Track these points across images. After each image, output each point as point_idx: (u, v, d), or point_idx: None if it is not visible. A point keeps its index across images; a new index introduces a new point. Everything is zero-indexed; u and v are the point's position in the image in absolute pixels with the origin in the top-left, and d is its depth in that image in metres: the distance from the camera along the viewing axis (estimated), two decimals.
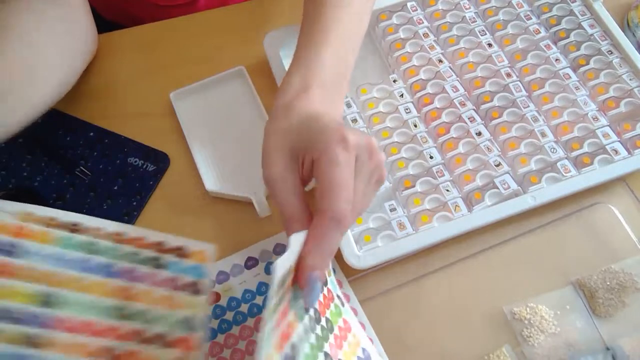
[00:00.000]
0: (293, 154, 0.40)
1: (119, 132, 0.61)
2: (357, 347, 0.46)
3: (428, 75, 0.60)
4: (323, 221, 0.36)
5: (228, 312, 0.52)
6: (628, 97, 0.57)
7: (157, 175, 0.59)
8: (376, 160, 0.39)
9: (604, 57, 0.60)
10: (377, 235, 0.52)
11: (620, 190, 0.56)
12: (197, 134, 0.60)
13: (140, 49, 0.66)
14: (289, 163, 0.40)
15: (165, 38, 0.66)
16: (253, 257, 0.54)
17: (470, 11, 0.63)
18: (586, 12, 0.63)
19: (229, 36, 0.65)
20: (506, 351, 0.49)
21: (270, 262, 0.54)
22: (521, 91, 0.58)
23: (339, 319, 0.47)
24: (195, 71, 0.62)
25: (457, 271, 0.53)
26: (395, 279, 0.53)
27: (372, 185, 0.40)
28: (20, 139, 0.61)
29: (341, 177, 0.36)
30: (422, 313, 0.51)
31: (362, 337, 0.48)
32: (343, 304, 0.50)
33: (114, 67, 0.65)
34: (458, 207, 0.53)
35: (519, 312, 0.50)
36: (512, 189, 0.53)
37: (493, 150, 0.55)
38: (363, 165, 0.38)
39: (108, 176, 0.59)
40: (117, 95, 0.64)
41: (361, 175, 0.38)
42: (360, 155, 0.38)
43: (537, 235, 0.54)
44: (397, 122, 0.58)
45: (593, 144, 0.55)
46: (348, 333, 0.46)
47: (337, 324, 0.46)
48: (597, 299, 0.50)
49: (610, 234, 0.54)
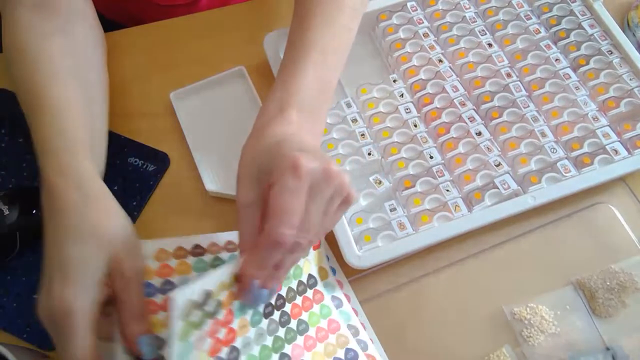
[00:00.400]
0: (260, 178, 0.41)
1: (119, 132, 0.61)
2: (340, 348, 0.48)
3: (428, 75, 0.60)
4: (264, 241, 0.39)
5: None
6: (628, 97, 0.57)
7: (157, 175, 0.59)
8: (336, 184, 0.39)
9: (604, 57, 0.60)
10: (377, 235, 0.52)
11: (620, 190, 0.56)
12: (197, 134, 0.60)
13: (140, 49, 0.66)
14: (255, 188, 0.41)
15: (165, 38, 0.66)
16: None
17: (470, 11, 0.63)
18: (586, 12, 0.63)
19: (229, 36, 0.65)
20: (506, 351, 0.49)
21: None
22: (521, 91, 0.58)
23: (323, 320, 0.49)
24: (195, 71, 0.62)
25: (457, 271, 0.53)
26: (395, 279, 0.53)
27: (335, 208, 0.40)
28: (20, 139, 0.61)
29: (286, 204, 0.38)
30: (422, 313, 0.51)
31: (353, 340, 0.48)
32: (339, 306, 0.50)
33: (114, 67, 0.65)
34: (458, 207, 0.53)
35: (519, 312, 0.50)
36: (512, 189, 0.53)
37: (493, 150, 0.55)
38: (319, 190, 0.39)
39: (108, 176, 0.59)
40: (117, 95, 0.64)
41: (317, 200, 0.39)
42: (316, 181, 0.38)
43: (537, 235, 0.54)
44: (397, 122, 0.58)
45: (593, 144, 0.55)
46: (331, 334, 0.48)
47: (318, 325, 0.48)
48: (597, 299, 0.50)
49: (610, 234, 0.54)
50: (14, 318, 0.52)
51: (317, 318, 0.49)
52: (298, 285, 0.50)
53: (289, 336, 0.48)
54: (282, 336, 0.47)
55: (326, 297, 0.50)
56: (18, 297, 0.53)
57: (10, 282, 0.54)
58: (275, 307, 0.48)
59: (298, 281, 0.50)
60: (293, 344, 0.47)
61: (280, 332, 0.47)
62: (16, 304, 0.53)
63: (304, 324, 0.49)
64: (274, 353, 0.46)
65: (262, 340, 0.46)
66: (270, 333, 0.47)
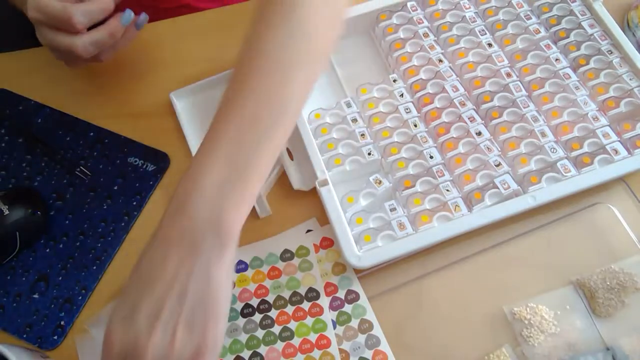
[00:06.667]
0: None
1: (119, 132, 0.61)
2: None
3: (428, 75, 0.60)
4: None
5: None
6: (628, 97, 0.57)
7: (157, 175, 0.59)
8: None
9: (604, 57, 0.60)
10: (377, 235, 0.52)
11: (620, 190, 0.56)
12: (197, 134, 0.60)
13: (141, 49, 0.66)
14: None
15: (165, 38, 0.66)
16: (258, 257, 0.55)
17: (470, 11, 0.63)
18: (586, 12, 0.63)
19: (229, 36, 0.65)
20: (506, 351, 0.49)
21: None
22: (521, 91, 0.58)
23: (313, 334, 0.50)
24: (195, 71, 0.62)
25: (457, 271, 0.53)
26: (395, 279, 0.53)
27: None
28: (20, 139, 0.61)
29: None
30: (422, 313, 0.51)
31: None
32: (354, 300, 0.51)
33: (114, 66, 0.65)
34: (458, 207, 0.53)
35: (519, 312, 0.50)
36: (512, 189, 0.53)
37: (493, 150, 0.55)
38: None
39: (108, 176, 0.59)
40: (117, 95, 0.64)
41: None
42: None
43: (537, 235, 0.54)
44: (397, 122, 0.58)
45: (593, 143, 0.55)
46: (317, 349, 0.50)
47: (305, 337, 0.50)
48: (597, 299, 0.50)
49: (610, 234, 0.54)
50: (14, 318, 0.53)
51: (306, 330, 0.50)
52: (292, 296, 0.52)
53: (267, 339, 0.50)
54: (260, 337, 0.50)
55: (326, 311, 0.51)
56: (18, 297, 0.54)
57: (10, 282, 0.54)
58: (257, 309, 0.51)
59: (292, 292, 0.52)
60: (270, 346, 0.49)
61: (258, 332, 0.50)
62: (16, 304, 0.53)
63: (288, 332, 0.50)
64: (246, 349, 0.49)
65: (235, 335, 0.50)
66: (247, 331, 0.50)
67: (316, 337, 0.50)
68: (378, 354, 0.49)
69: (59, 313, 0.53)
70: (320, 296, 0.51)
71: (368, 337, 0.50)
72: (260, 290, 0.52)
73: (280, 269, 0.53)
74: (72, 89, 0.64)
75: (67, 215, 0.57)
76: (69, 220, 0.57)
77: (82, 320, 0.53)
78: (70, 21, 0.50)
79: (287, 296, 0.52)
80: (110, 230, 0.56)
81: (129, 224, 0.57)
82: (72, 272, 0.54)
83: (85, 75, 0.65)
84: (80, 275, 0.54)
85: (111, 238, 0.56)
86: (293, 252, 0.54)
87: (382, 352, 0.49)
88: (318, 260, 0.53)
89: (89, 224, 0.57)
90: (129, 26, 0.55)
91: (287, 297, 0.51)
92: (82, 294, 0.53)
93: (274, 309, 0.51)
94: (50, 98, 0.63)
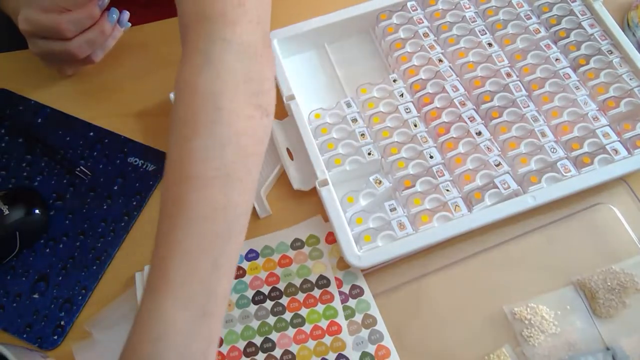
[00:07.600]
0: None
1: (119, 132, 0.61)
2: (333, 351, 0.49)
3: (428, 75, 0.60)
4: None
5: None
6: (628, 97, 0.57)
7: (157, 175, 0.59)
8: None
9: (604, 57, 0.60)
10: (377, 235, 0.52)
11: (621, 190, 0.55)
12: None
13: (140, 49, 0.66)
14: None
15: (165, 38, 0.66)
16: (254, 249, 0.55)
17: (470, 11, 0.63)
18: (586, 11, 0.63)
19: None
20: (506, 351, 0.49)
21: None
22: (521, 91, 0.58)
23: (324, 321, 0.50)
24: None
25: (457, 271, 0.53)
26: (395, 279, 0.53)
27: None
28: (20, 139, 0.61)
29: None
30: (422, 313, 0.51)
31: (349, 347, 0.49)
32: (358, 295, 0.52)
33: (114, 67, 0.65)
34: (458, 207, 0.53)
35: (519, 312, 0.50)
36: (512, 189, 0.53)
37: (493, 150, 0.55)
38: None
39: (108, 176, 0.59)
40: (117, 95, 0.64)
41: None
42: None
43: (537, 235, 0.54)
44: (397, 122, 0.58)
45: (593, 143, 0.55)
46: (328, 335, 0.49)
47: (316, 323, 0.50)
48: (597, 299, 0.50)
49: (611, 234, 0.54)
50: (14, 318, 0.53)
51: (317, 316, 0.50)
52: (302, 283, 0.52)
53: (279, 325, 0.50)
54: (271, 323, 0.50)
55: (337, 298, 0.51)
56: (18, 297, 0.53)
57: (10, 282, 0.54)
58: (268, 297, 0.51)
59: (303, 279, 0.52)
60: (282, 332, 0.50)
61: (269, 319, 0.51)
62: (16, 304, 0.53)
63: (299, 318, 0.50)
64: (258, 335, 0.50)
65: (247, 322, 0.51)
66: (259, 318, 0.51)
67: (327, 323, 0.50)
68: (381, 349, 0.49)
69: (59, 313, 0.53)
70: (331, 284, 0.52)
71: (371, 332, 0.50)
72: (271, 278, 0.53)
73: (291, 257, 0.54)
74: (72, 89, 0.64)
75: (67, 215, 0.57)
76: (69, 220, 0.57)
77: (82, 320, 0.52)
78: (60, 30, 0.54)
79: (297, 284, 0.52)
80: (110, 230, 0.56)
81: (129, 224, 0.57)
82: (72, 272, 0.54)
83: (85, 75, 0.65)
84: (80, 275, 0.54)
85: (111, 238, 0.56)
86: (303, 241, 0.54)
87: (385, 347, 0.49)
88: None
89: (89, 224, 0.57)
90: (114, 25, 0.59)
91: (298, 285, 0.52)
92: (82, 294, 0.53)
93: (285, 296, 0.51)
94: (50, 98, 0.63)
